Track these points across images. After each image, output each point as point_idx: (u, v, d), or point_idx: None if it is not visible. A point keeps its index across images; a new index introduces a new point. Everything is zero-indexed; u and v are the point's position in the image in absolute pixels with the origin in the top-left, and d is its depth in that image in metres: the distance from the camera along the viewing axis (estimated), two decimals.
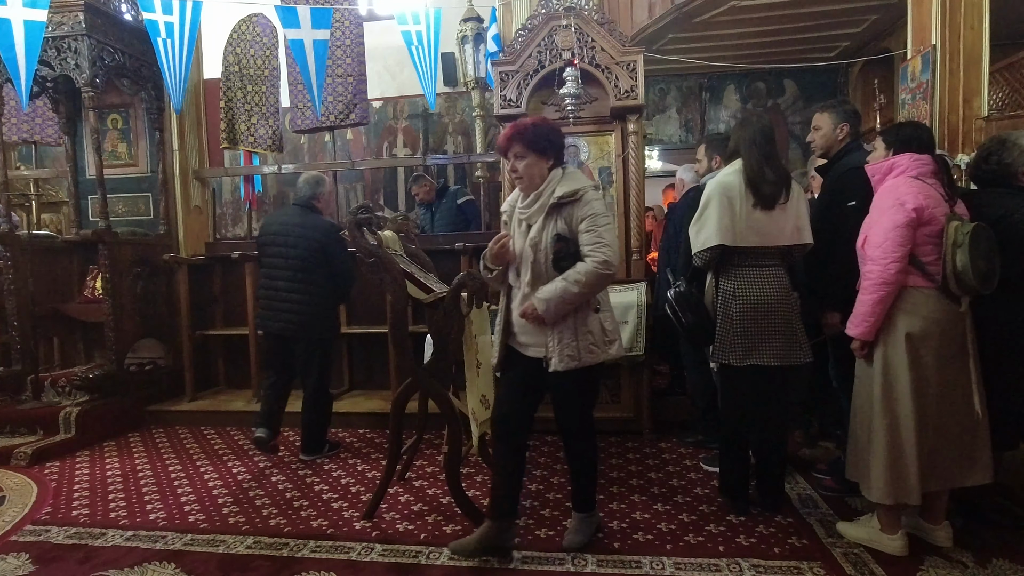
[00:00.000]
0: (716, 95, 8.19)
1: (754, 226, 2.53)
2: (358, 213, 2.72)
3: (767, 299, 2.54)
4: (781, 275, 2.59)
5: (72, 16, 4.14)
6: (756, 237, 2.53)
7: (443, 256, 4.20)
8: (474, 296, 2.72)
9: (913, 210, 2.16)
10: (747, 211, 2.52)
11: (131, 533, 2.71)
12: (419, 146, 7.45)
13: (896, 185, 2.25)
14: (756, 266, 2.57)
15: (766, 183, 2.51)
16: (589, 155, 4.02)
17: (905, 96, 4.37)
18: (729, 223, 2.52)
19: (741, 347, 2.55)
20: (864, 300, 2.25)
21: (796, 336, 2.57)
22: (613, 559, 2.36)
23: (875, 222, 2.26)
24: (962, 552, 2.29)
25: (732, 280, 2.59)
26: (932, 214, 2.18)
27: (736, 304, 2.56)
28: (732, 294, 2.58)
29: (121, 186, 5.03)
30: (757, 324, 2.54)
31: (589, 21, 3.83)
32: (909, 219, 2.16)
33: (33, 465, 3.62)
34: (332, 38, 4.71)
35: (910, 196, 2.19)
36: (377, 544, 2.53)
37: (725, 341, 2.58)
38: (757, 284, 2.55)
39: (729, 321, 2.58)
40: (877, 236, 2.22)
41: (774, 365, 2.54)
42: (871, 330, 2.25)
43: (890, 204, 2.21)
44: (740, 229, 2.52)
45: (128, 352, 4.55)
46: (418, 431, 3.22)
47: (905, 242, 2.16)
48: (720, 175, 2.66)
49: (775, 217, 2.53)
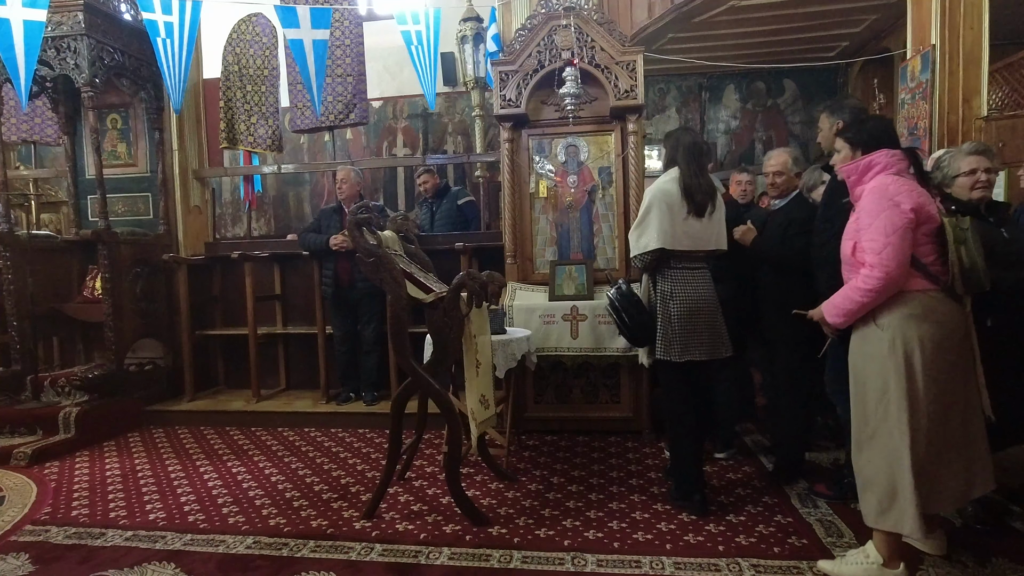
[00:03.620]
0: (716, 95, 8.19)
1: (687, 231, 2.75)
2: (358, 213, 2.72)
3: (699, 299, 2.78)
4: (708, 277, 2.84)
5: (71, 16, 4.14)
6: (689, 241, 2.76)
7: (443, 256, 4.20)
8: (473, 296, 2.72)
9: (911, 210, 2.01)
10: (682, 217, 2.74)
11: (131, 533, 2.71)
12: (419, 146, 7.46)
13: (885, 185, 2.07)
14: (689, 268, 2.79)
15: (700, 192, 2.74)
16: (589, 155, 4.02)
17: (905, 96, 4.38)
18: (668, 228, 2.71)
19: (679, 345, 2.74)
20: (855, 299, 2.07)
21: (720, 332, 2.82)
22: (613, 559, 2.36)
23: (869, 226, 2.06)
24: (962, 552, 2.29)
25: (668, 282, 2.79)
26: (928, 212, 2.04)
27: (674, 304, 2.76)
28: (670, 295, 2.77)
29: (120, 186, 5.03)
30: (691, 322, 2.76)
31: (589, 21, 3.83)
32: (908, 220, 2.01)
33: (33, 465, 3.62)
34: (332, 38, 4.71)
35: (904, 195, 2.03)
36: (377, 544, 2.53)
37: (666, 339, 2.76)
38: (690, 285, 2.78)
39: (668, 320, 2.76)
40: (875, 241, 2.03)
41: (704, 360, 2.77)
42: (849, 323, 2.16)
43: (884, 206, 2.03)
44: (676, 234, 2.73)
45: (128, 352, 4.55)
46: (418, 431, 3.22)
47: (908, 245, 2.01)
48: (659, 182, 2.83)
49: (704, 224, 2.77)
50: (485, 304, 2.86)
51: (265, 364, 4.80)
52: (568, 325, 3.69)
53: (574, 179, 4.03)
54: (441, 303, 2.69)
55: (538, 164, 4.05)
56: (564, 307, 3.70)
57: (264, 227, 7.57)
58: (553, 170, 4.04)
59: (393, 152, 7.51)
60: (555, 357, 3.79)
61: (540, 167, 4.05)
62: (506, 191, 4.04)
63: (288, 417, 4.35)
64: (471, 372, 2.77)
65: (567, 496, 2.95)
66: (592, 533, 2.57)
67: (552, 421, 3.92)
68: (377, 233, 2.88)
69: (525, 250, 4.06)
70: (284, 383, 4.99)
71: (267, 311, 4.89)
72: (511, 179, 4.03)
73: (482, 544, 2.50)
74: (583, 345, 3.68)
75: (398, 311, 2.72)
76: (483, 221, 5.54)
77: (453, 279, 2.69)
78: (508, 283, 3.87)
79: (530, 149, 4.06)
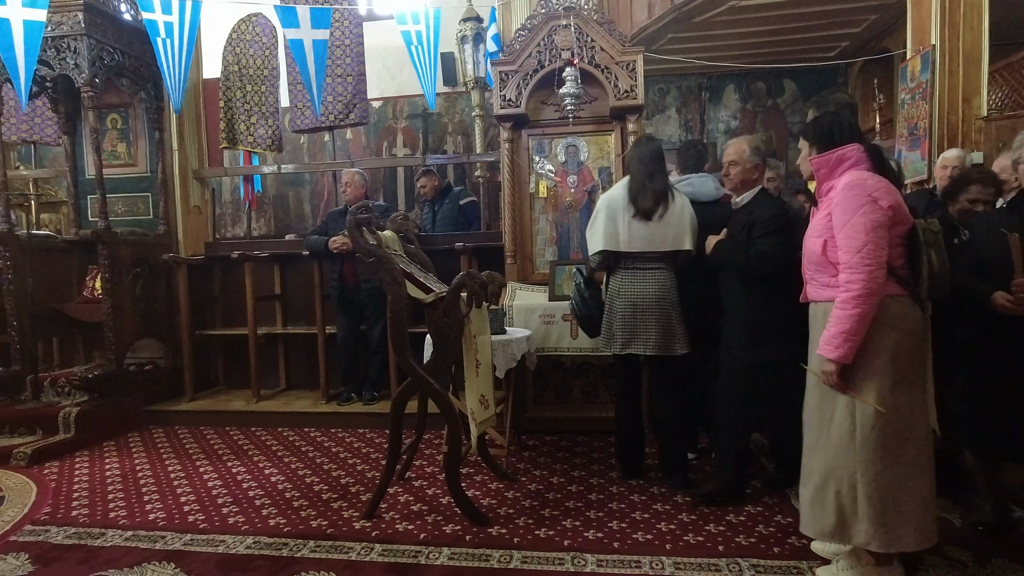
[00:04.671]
0: (716, 95, 8.20)
1: (636, 234, 2.89)
2: (358, 213, 2.72)
3: (645, 297, 2.90)
4: (664, 276, 2.94)
5: (71, 16, 4.14)
6: (640, 243, 2.90)
7: (443, 256, 4.20)
8: (473, 296, 2.72)
9: (889, 207, 1.93)
10: (629, 221, 2.90)
11: (130, 533, 2.70)
12: (419, 146, 7.46)
13: (863, 180, 1.98)
14: (642, 268, 2.93)
15: (644, 197, 2.87)
16: (589, 155, 4.02)
17: (904, 96, 4.38)
18: (613, 231, 2.91)
19: (621, 339, 2.93)
20: (846, 316, 1.92)
21: (674, 330, 2.91)
22: (613, 559, 2.35)
23: (845, 223, 1.95)
24: (962, 552, 2.29)
25: (618, 280, 2.98)
26: (904, 212, 1.97)
27: (619, 301, 2.94)
28: (617, 292, 2.96)
29: (120, 186, 5.03)
30: (635, 318, 2.90)
31: (589, 21, 3.83)
32: (886, 218, 1.92)
33: (32, 465, 3.62)
34: (332, 38, 4.71)
35: (882, 192, 1.94)
36: (377, 544, 2.53)
37: (608, 332, 2.99)
38: (639, 284, 2.92)
39: (611, 315, 2.98)
40: (853, 240, 1.93)
41: (651, 355, 2.90)
42: (852, 351, 1.93)
43: (862, 201, 1.93)
44: (625, 236, 2.90)
45: (128, 352, 4.55)
46: (418, 431, 3.22)
47: (885, 244, 1.92)
48: (611, 189, 3.09)
49: (654, 226, 2.88)
50: (485, 304, 2.86)
51: (265, 364, 4.80)
52: (568, 325, 3.69)
53: (574, 179, 4.04)
54: (441, 303, 2.69)
55: (538, 164, 4.06)
56: (564, 307, 3.70)
57: (264, 227, 7.58)
58: (553, 170, 4.05)
59: (393, 152, 7.51)
60: (555, 357, 3.80)
61: (540, 167, 4.05)
62: (506, 191, 4.04)
63: (288, 417, 4.35)
64: (471, 372, 2.77)
65: (567, 496, 2.95)
66: (592, 533, 2.57)
67: (552, 421, 3.92)
68: (377, 233, 2.88)
69: (525, 250, 4.06)
70: (284, 383, 4.99)
71: (267, 311, 4.89)
72: (511, 179, 4.03)
73: (482, 544, 2.50)
74: (583, 345, 3.68)
75: (398, 311, 2.72)
76: (483, 221, 5.55)
77: (453, 279, 2.69)
78: (508, 283, 3.87)
79: (530, 149, 4.06)
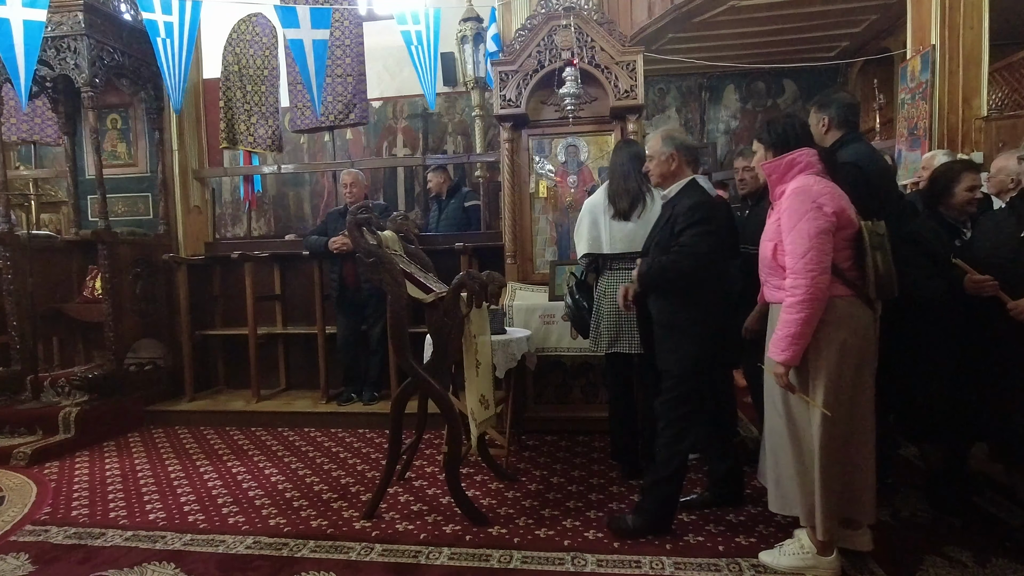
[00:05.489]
0: (716, 95, 8.20)
1: (617, 235, 2.97)
2: (358, 213, 2.72)
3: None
4: None
5: (71, 16, 4.14)
6: (623, 244, 2.96)
7: (443, 256, 4.20)
8: (473, 296, 2.72)
9: (833, 213, 1.99)
10: (609, 222, 2.98)
11: (131, 533, 2.70)
12: (419, 146, 7.46)
13: (808, 186, 2.04)
14: (627, 269, 2.91)
15: (621, 197, 2.95)
16: (589, 155, 4.02)
17: (905, 96, 4.38)
18: (596, 235, 3.01)
19: (607, 338, 3.00)
20: (792, 320, 1.99)
21: None
22: (613, 559, 2.35)
23: (792, 228, 2.02)
24: (962, 552, 2.29)
25: (605, 280, 3.03)
26: (848, 216, 2.03)
27: (605, 301, 2.99)
28: (603, 292, 3.01)
29: (120, 186, 5.03)
30: (620, 317, 2.93)
31: (589, 21, 3.83)
32: (830, 224, 1.98)
33: (32, 465, 3.62)
34: (332, 38, 4.72)
35: (827, 198, 2.01)
36: (377, 544, 2.53)
37: (596, 332, 3.05)
38: (625, 284, 2.83)
39: (599, 316, 3.03)
40: (797, 245, 2.00)
41: (637, 353, 2.92)
42: (799, 354, 2.02)
43: (807, 207, 2.00)
44: (608, 238, 2.99)
45: (128, 352, 4.55)
46: (418, 431, 3.22)
47: (829, 249, 1.98)
48: (593, 194, 3.16)
49: (634, 226, 2.92)
50: (485, 304, 2.86)
51: (265, 364, 4.80)
52: (568, 325, 3.68)
53: (574, 179, 4.04)
54: (441, 303, 2.69)
55: (538, 164, 4.06)
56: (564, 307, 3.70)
57: (264, 227, 7.58)
58: (553, 170, 4.05)
59: (393, 152, 7.51)
60: (555, 357, 3.80)
61: (540, 167, 4.05)
62: (506, 191, 4.04)
63: (288, 417, 4.36)
64: (471, 372, 2.77)
65: (567, 496, 2.95)
66: (592, 533, 2.56)
67: (552, 421, 3.92)
68: (377, 233, 2.88)
69: (525, 250, 4.06)
70: (284, 383, 4.99)
71: (267, 311, 4.89)
72: (511, 179, 4.03)
73: (482, 544, 2.50)
74: (583, 345, 3.65)
75: (398, 311, 2.72)
76: (483, 221, 5.55)
77: (453, 279, 2.69)
78: (508, 283, 3.88)
79: (530, 149, 4.06)
